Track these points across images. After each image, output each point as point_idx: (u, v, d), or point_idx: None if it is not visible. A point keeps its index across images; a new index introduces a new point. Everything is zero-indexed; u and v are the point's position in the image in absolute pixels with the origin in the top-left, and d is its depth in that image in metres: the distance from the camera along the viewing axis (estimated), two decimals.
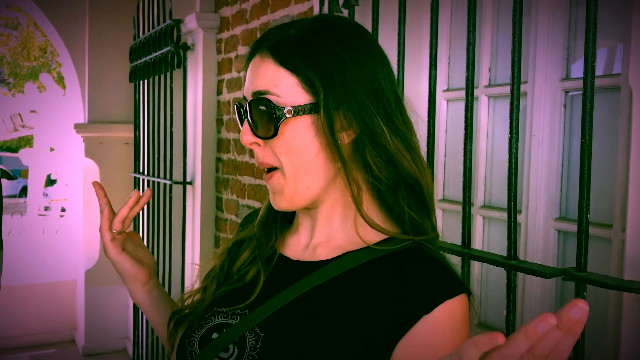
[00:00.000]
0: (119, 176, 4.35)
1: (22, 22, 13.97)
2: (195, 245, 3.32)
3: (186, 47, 3.23)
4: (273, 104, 0.83)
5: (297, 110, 0.82)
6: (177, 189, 3.30)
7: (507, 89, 1.80)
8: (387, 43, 1.84)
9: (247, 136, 0.87)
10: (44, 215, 8.70)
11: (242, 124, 0.89)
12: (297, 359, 0.81)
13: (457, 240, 1.46)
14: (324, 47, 0.83)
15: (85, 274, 4.44)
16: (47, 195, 9.37)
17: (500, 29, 1.88)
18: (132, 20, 3.93)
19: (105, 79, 4.35)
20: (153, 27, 3.45)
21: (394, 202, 0.87)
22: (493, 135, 1.90)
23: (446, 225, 2.07)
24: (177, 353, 0.95)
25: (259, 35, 2.98)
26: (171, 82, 3.20)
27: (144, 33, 3.65)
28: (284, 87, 0.83)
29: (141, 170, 3.84)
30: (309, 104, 0.83)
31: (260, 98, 0.84)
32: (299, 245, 0.93)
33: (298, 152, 0.84)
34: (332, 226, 0.89)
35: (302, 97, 0.83)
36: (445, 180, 2.08)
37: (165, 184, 3.30)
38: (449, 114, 2.06)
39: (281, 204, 0.88)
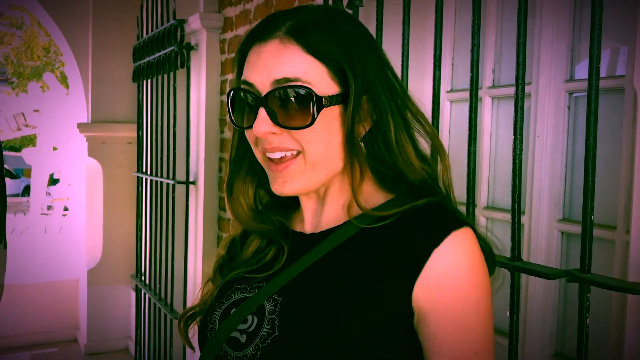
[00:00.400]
0: (121, 176, 4.36)
1: (26, 21, 14.02)
2: (197, 245, 3.32)
3: (190, 47, 3.23)
4: (312, 91, 0.80)
5: (331, 100, 0.81)
6: (180, 189, 3.30)
7: (511, 90, 1.80)
8: (391, 44, 1.84)
9: (264, 125, 0.81)
10: (47, 214, 8.72)
11: (249, 113, 0.84)
12: (318, 315, 0.81)
13: None
14: (347, 36, 0.83)
15: (88, 273, 4.45)
16: (49, 194, 9.40)
17: (505, 30, 1.88)
18: (136, 20, 3.93)
19: (108, 79, 4.36)
20: (157, 27, 3.46)
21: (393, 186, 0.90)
22: (496, 136, 1.90)
23: None
24: (198, 333, 0.95)
25: None
26: (174, 82, 3.21)
27: (147, 33, 3.66)
28: (314, 75, 0.81)
29: (144, 170, 3.84)
30: (339, 94, 0.82)
31: (295, 85, 0.80)
32: (310, 225, 0.93)
33: (325, 140, 0.83)
34: (341, 203, 0.90)
35: (330, 87, 0.82)
36: None
37: (168, 184, 3.31)
38: (453, 115, 2.06)
39: (292, 188, 0.85)
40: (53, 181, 10.44)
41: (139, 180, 3.94)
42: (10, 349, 4.46)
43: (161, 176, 3.43)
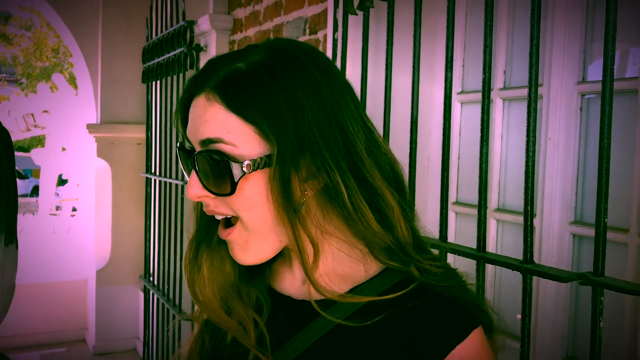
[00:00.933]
0: (130, 176, 4.38)
1: (36, 22, 14.10)
2: None
3: (199, 49, 3.24)
4: (229, 157, 0.72)
5: (257, 164, 0.72)
6: None
7: (522, 92, 1.79)
8: (402, 46, 1.84)
9: (194, 189, 0.75)
10: (55, 214, 8.76)
11: (188, 172, 0.78)
12: None
13: (469, 243, 1.46)
14: (279, 88, 0.72)
15: (97, 273, 4.46)
16: (58, 194, 9.46)
17: (516, 32, 1.88)
18: (145, 21, 3.95)
19: (117, 80, 4.38)
20: (166, 28, 3.47)
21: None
22: (507, 138, 1.90)
23: (459, 228, 2.06)
24: None
25: (272, 37, 2.97)
26: (184, 83, 3.21)
27: (156, 34, 3.67)
28: (239, 135, 0.72)
29: (152, 171, 3.85)
30: (269, 155, 0.72)
31: (212, 150, 0.73)
32: (296, 280, 0.84)
33: (262, 207, 0.74)
34: (328, 258, 0.80)
35: (259, 146, 0.72)
36: (458, 183, 2.07)
37: (177, 185, 3.31)
38: (463, 116, 2.05)
39: (246, 259, 0.78)
40: (62, 182, 10.50)
41: (148, 181, 3.95)
42: (19, 348, 4.48)
43: (170, 177, 3.44)
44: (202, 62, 3.34)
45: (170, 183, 3.44)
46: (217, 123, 0.72)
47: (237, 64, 0.74)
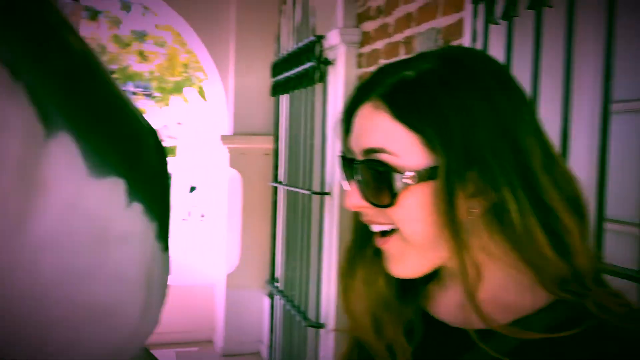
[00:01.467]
0: (259, 185, 4.55)
1: (168, 40, 15.08)
2: (332, 255, 3.38)
3: (327, 62, 3.30)
4: (391, 167, 0.70)
5: (421, 176, 0.69)
6: (316, 199, 3.38)
7: None
8: (549, 56, 1.77)
9: (353, 199, 0.74)
10: (186, 220, 9.31)
11: (348, 181, 0.77)
12: None
13: (622, 264, 1.35)
14: (449, 97, 0.69)
15: (227, 277, 4.68)
16: (188, 201, 10.04)
17: None
18: (275, 37, 4.10)
19: (248, 93, 4.58)
20: (295, 43, 3.58)
21: None
22: None
23: (609, 246, 1.93)
24: None
25: (401, 50, 2.94)
26: (312, 96, 3.29)
27: (285, 49, 3.80)
28: (402, 145, 0.70)
29: (280, 180, 3.98)
30: (433, 166, 0.69)
31: (374, 160, 0.71)
32: (451, 304, 0.78)
33: (423, 221, 0.71)
34: (490, 284, 0.73)
35: (423, 158, 0.70)
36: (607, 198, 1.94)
37: (303, 194, 3.40)
38: (613, 127, 1.92)
39: (399, 271, 0.76)
40: (191, 189, 11.14)
41: (275, 190, 4.09)
42: (157, 345, 4.79)
43: (297, 186, 3.54)
44: (331, 76, 3.40)
45: (297, 192, 3.53)
46: (381, 132, 0.71)
47: (405, 71, 0.72)
